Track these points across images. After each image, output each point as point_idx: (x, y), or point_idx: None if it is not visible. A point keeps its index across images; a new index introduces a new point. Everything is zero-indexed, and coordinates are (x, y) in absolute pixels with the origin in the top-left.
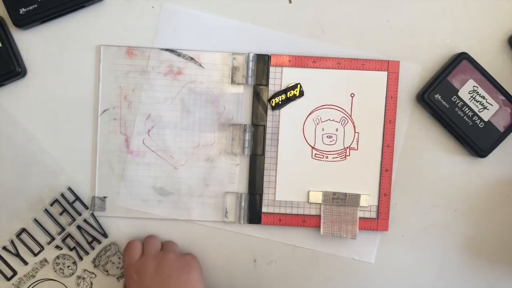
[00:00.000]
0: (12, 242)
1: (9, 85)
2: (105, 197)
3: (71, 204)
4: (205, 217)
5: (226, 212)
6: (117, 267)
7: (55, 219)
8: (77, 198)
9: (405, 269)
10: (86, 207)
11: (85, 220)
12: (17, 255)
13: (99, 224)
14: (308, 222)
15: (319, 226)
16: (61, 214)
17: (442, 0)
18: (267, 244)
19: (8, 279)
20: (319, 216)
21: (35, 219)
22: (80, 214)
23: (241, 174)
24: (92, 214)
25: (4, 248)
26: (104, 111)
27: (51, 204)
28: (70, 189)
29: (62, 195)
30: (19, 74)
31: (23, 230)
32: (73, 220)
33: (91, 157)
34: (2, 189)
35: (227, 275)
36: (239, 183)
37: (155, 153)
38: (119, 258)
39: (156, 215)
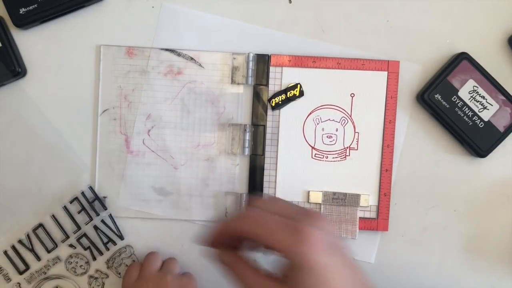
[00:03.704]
0: (28, 236)
1: (9, 85)
2: (105, 197)
3: (90, 203)
4: (205, 217)
5: (226, 212)
6: None
7: (72, 217)
8: (97, 197)
9: (405, 269)
10: (104, 208)
11: (102, 221)
12: (32, 250)
13: (116, 226)
14: None
15: None
16: (79, 212)
17: (442, 0)
18: None
19: (21, 273)
20: None
21: (53, 215)
22: (98, 214)
23: (241, 174)
24: (110, 215)
25: (20, 241)
26: (104, 111)
27: (71, 202)
28: (91, 188)
29: (83, 193)
30: (19, 74)
31: (40, 225)
32: (90, 219)
33: (91, 157)
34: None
35: None
36: (239, 183)
37: (155, 153)
38: (134, 261)
39: (156, 215)
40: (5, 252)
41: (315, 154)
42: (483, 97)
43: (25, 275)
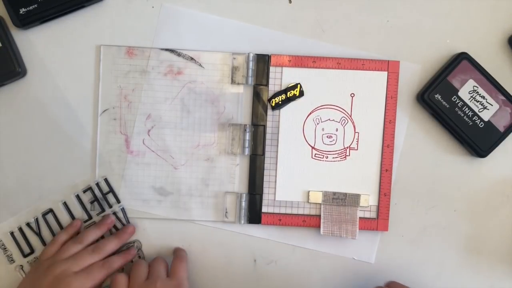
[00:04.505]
0: (36, 220)
1: (9, 85)
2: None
3: (104, 195)
4: (205, 217)
5: (226, 212)
6: None
7: (84, 206)
8: (111, 190)
9: (405, 269)
10: (118, 201)
11: (114, 213)
12: (38, 234)
13: (128, 220)
14: (308, 222)
15: (319, 226)
16: (91, 202)
17: (442, 0)
18: (267, 244)
19: (25, 255)
20: (319, 216)
21: (64, 202)
22: (110, 206)
23: (241, 174)
24: (123, 208)
25: (28, 224)
26: (104, 111)
27: (84, 191)
28: (106, 180)
29: (97, 184)
30: (19, 74)
31: (50, 210)
32: (102, 211)
33: (91, 157)
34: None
35: (227, 275)
36: (239, 183)
37: (155, 153)
38: (139, 256)
39: (156, 215)
40: (12, 233)
41: (315, 154)
42: (483, 97)
43: (29, 258)
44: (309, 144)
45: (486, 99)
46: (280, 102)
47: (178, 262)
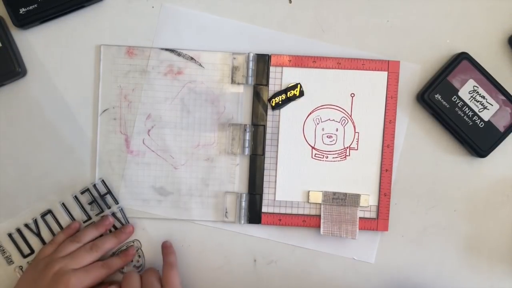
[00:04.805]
0: (35, 221)
1: (9, 85)
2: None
3: (102, 196)
4: (205, 217)
5: (226, 212)
6: (134, 265)
7: (82, 207)
8: (109, 191)
9: (405, 269)
10: (116, 202)
11: (113, 214)
12: (38, 234)
13: (127, 220)
14: (308, 222)
15: (319, 226)
16: (90, 203)
17: (442, 0)
18: (267, 244)
19: (25, 256)
20: (319, 216)
21: (63, 203)
22: (109, 207)
23: (241, 174)
24: (121, 209)
25: (26, 225)
26: (104, 111)
27: (82, 193)
28: (103, 181)
29: (95, 186)
30: (19, 74)
31: (49, 211)
32: (101, 211)
33: (91, 157)
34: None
35: (227, 275)
36: (239, 183)
37: (155, 153)
38: (139, 256)
39: (156, 215)
40: (10, 235)
41: (315, 154)
42: (483, 97)
43: (29, 259)
44: (309, 144)
45: (486, 99)
46: (280, 102)
47: (169, 269)
